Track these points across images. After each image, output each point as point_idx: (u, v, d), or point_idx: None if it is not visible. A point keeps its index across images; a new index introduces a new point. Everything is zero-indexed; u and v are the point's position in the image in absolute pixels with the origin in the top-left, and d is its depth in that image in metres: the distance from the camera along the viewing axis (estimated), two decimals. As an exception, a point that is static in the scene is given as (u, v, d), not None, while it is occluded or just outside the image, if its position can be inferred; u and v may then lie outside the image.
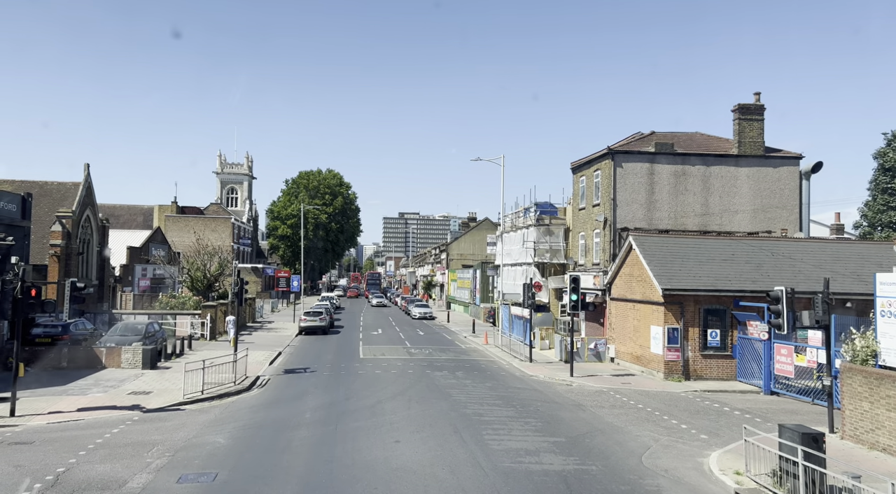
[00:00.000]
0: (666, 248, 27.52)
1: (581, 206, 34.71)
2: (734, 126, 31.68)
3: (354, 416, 18.27)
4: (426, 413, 18.63)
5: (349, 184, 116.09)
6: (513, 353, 32.70)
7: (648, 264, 26.32)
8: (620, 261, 29.31)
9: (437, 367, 28.34)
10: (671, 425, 17.92)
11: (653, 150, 31.15)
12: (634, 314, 27.93)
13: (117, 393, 20.96)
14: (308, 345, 37.39)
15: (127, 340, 26.86)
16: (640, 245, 27.47)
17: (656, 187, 31.14)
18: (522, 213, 39.47)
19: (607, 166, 31.28)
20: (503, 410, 19.24)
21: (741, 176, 31.35)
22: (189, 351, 31.75)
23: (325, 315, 44.68)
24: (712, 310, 25.48)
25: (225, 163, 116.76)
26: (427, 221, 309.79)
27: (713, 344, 25.37)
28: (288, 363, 29.71)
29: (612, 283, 30.28)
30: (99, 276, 45.50)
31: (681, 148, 31.78)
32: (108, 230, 46.79)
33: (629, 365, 28.23)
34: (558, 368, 28.56)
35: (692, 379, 25.11)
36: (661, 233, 29.61)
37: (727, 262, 26.93)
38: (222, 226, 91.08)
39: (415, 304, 63.68)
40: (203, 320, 37.38)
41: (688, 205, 31.23)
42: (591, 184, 33.48)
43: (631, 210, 30.91)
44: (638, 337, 27.52)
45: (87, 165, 43.08)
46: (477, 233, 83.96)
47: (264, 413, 19.01)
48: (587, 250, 33.55)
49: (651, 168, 31.13)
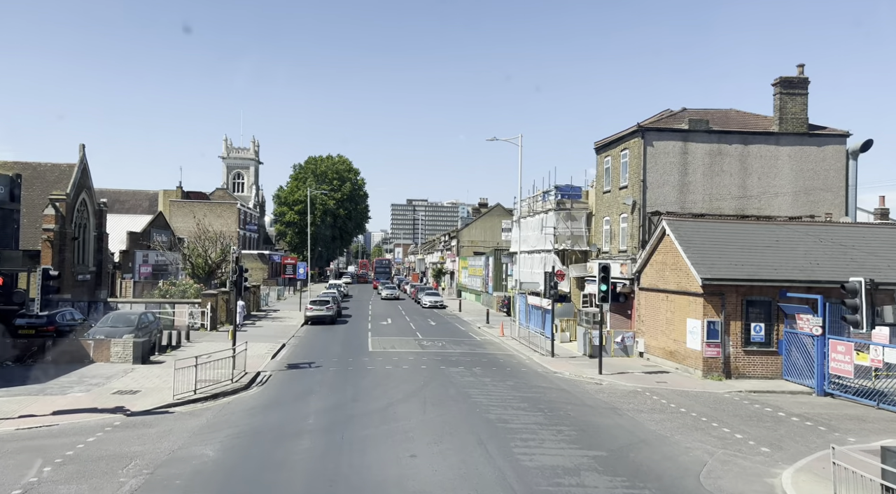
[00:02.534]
0: (703, 234, 25.17)
1: (606, 189, 32.33)
2: (775, 101, 29.15)
3: (363, 422, 16.16)
4: (444, 419, 16.51)
5: (358, 169, 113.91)
6: (532, 347, 30.53)
7: (685, 251, 24.00)
8: (651, 248, 26.99)
9: (452, 362, 26.22)
10: (723, 434, 15.71)
11: (686, 128, 28.69)
12: (667, 305, 25.64)
13: (101, 392, 18.95)
14: (314, 336, 35.36)
15: (118, 332, 24.86)
16: (674, 230, 25.13)
17: (690, 167, 28.71)
18: (541, 197, 37.16)
19: (636, 145, 28.86)
20: (530, 415, 17.08)
21: (782, 155, 28.87)
22: (186, 343, 29.75)
23: (332, 304, 42.61)
24: (756, 302, 23.16)
25: (231, 147, 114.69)
26: (435, 208, 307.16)
27: (757, 340, 23.07)
28: (292, 356, 27.67)
29: (642, 272, 27.99)
30: (97, 262, 43.65)
31: (716, 125, 29.29)
32: (105, 214, 44.84)
33: (661, 360, 26.00)
34: (583, 364, 26.37)
35: (733, 378, 22.86)
36: (694, 217, 27.23)
37: (771, 249, 24.56)
38: (228, 211, 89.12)
39: (425, 292, 61.57)
40: (203, 309, 35.39)
41: (724, 186, 28.80)
42: (617, 164, 31.07)
43: (662, 192, 28.52)
44: (671, 331, 25.25)
45: (82, 146, 41.05)
46: (488, 219, 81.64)
47: (262, 417, 16.94)
48: (612, 236, 31.22)
49: (684, 147, 28.68)
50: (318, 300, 42.97)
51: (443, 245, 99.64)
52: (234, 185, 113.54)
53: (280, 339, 32.56)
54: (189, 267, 41.31)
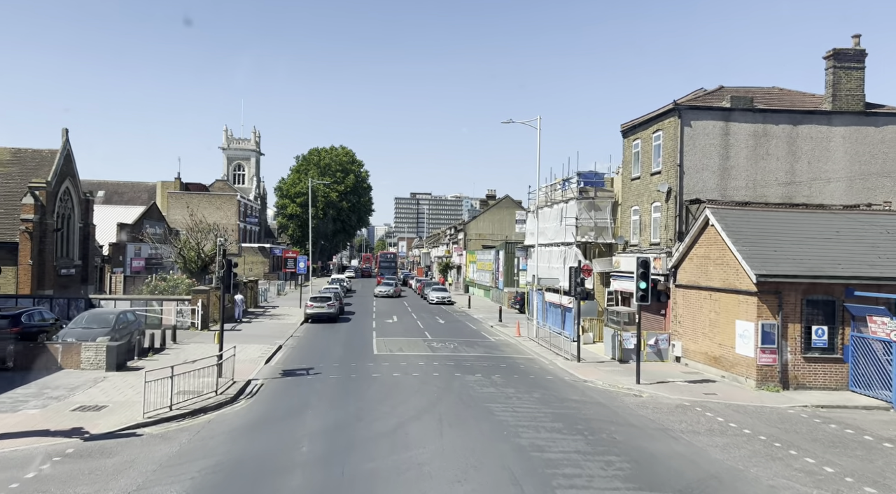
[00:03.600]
0: (753, 224, 22.22)
1: (635, 175, 29.34)
2: (827, 76, 26.11)
3: (368, 450, 13.31)
4: (466, 445, 13.64)
5: (361, 161, 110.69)
6: (554, 349, 27.65)
7: (734, 244, 21.05)
8: (691, 240, 24.04)
9: (468, 368, 23.36)
10: (807, 466, 12.83)
11: (728, 106, 25.67)
12: (711, 305, 22.71)
13: (59, 408, 16.13)
14: (314, 336, 32.53)
15: (91, 334, 22.03)
16: (720, 220, 22.17)
17: (731, 150, 25.71)
18: (560, 185, 34.16)
19: (672, 125, 25.86)
20: (569, 440, 14.20)
21: (835, 137, 25.84)
22: (173, 345, 26.95)
23: (334, 300, 39.77)
24: (817, 302, 20.23)
25: (231, 138, 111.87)
26: (439, 202, 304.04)
27: (818, 345, 20.14)
28: (288, 360, 24.84)
29: (679, 267, 25.05)
30: (82, 256, 40.86)
31: (760, 103, 26.26)
32: (92, 204, 42.02)
33: (702, 367, 23.09)
34: (614, 370, 23.49)
35: (791, 389, 19.95)
36: (738, 205, 24.26)
37: (831, 241, 21.60)
38: (227, 203, 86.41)
39: (432, 288, 58.68)
40: (194, 307, 32.57)
41: (769, 171, 25.80)
42: (648, 148, 28.07)
43: (701, 178, 25.54)
44: (716, 334, 22.33)
45: (65, 130, 38.21)
46: (496, 211, 78.63)
47: (247, 441, 14.09)
48: (643, 227, 28.26)
49: (726, 127, 25.68)
50: (319, 296, 40.13)
51: (448, 238, 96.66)
52: (234, 177, 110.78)
53: (277, 340, 29.75)
54: (181, 260, 38.48)
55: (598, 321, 30.65)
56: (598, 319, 30.67)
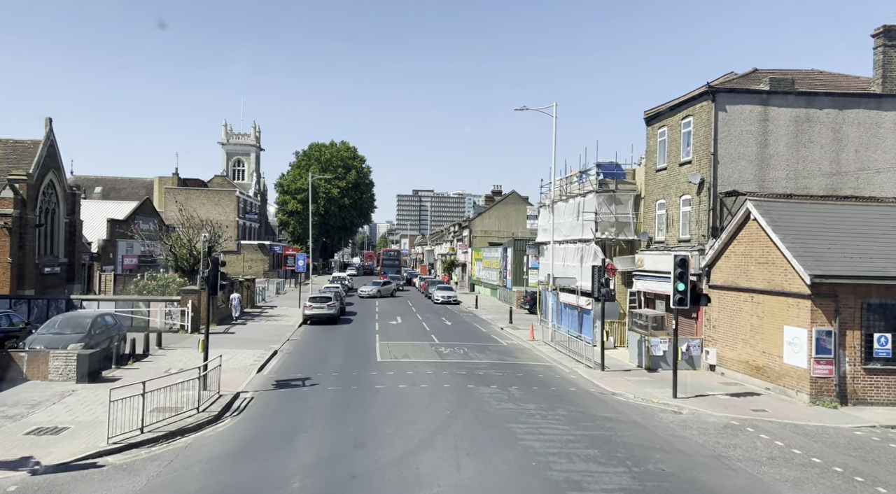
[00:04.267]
0: (801, 219, 19.88)
1: (660, 166, 26.97)
2: (875, 56, 23.72)
3: (371, 489, 11.02)
4: (489, 482, 11.35)
5: (363, 157, 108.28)
6: (573, 356, 25.34)
7: (783, 240, 18.70)
8: (728, 236, 21.69)
9: (481, 378, 21.06)
10: (906, 509, 10.51)
11: (767, 89, 23.29)
12: (752, 309, 20.37)
13: (12, 430, 13.86)
14: (312, 340, 30.25)
15: (62, 340, 19.76)
16: (764, 213, 19.83)
17: (770, 137, 23.34)
18: (577, 178, 31.77)
19: (705, 110, 23.49)
20: (610, 472, 11.89)
21: (886, 122, 23.46)
22: (157, 350, 24.70)
23: (335, 301, 37.47)
24: (880, 306, 17.89)
25: (231, 133, 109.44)
26: (442, 199, 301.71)
27: (882, 355, 17.80)
28: (283, 369, 22.55)
29: (713, 266, 22.71)
30: (68, 253, 38.61)
31: (802, 86, 23.87)
32: (79, 198, 39.75)
33: (742, 377, 20.76)
34: (643, 380, 21.20)
35: (851, 404, 17.63)
36: (780, 198, 21.89)
37: (889, 237, 19.28)
38: (226, 199, 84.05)
39: (437, 287, 56.34)
40: (183, 308, 30.31)
41: (812, 161, 23.43)
42: (676, 135, 25.70)
43: (737, 168, 23.17)
44: (759, 341, 19.99)
45: (48, 120, 35.94)
46: (502, 207, 76.22)
47: (227, 475, 11.80)
48: (670, 222, 25.89)
49: (764, 112, 23.31)
50: (319, 296, 37.85)
51: (453, 235, 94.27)
52: (234, 173, 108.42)
53: (272, 344, 27.48)
54: (172, 258, 36.18)
55: (620, 324, 28.34)
56: (619, 322, 28.36)
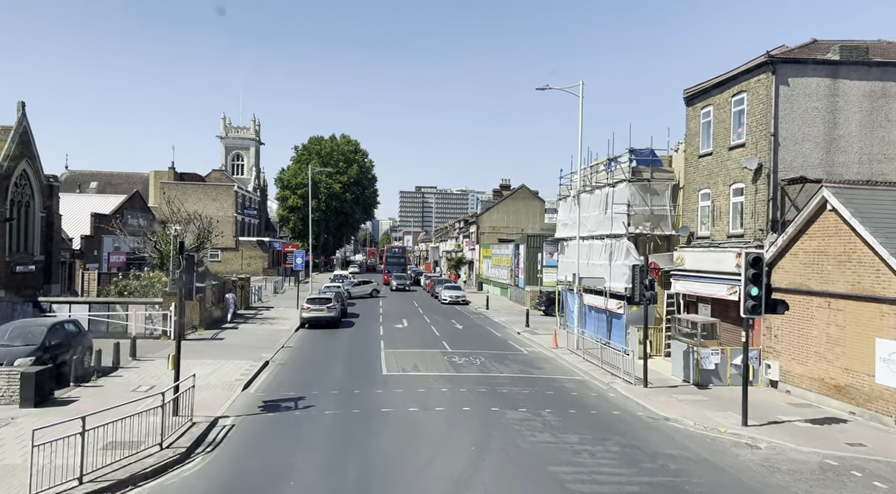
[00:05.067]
0: (891, 208, 16.61)
1: (704, 151, 23.70)
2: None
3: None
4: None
5: (365, 151, 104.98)
6: (607, 368, 22.12)
7: (874, 234, 15.47)
8: (797, 231, 18.44)
9: (506, 398, 17.85)
10: None
11: (837, 58, 20.01)
12: (830, 316, 17.12)
13: (-89, 481, 10.72)
14: (309, 348, 27.05)
15: (9, 354, 16.61)
16: (847, 202, 16.57)
17: (840, 116, 20.09)
18: (605, 166, 28.50)
19: (763, 84, 20.22)
20: (707, 551, 8.67)
21: (975, 99, 20.19)
22: (131, 361, 21.55)
23: (335, 302, 34.25)
24: None
25: (230, 126, 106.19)
26: (445, 195, 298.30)
27: None
28: (273, 385, 19.35)
29: (775, 265, 19.44)
30: (45, 250, 35.46)
31: (877, 56, 20.60)
32: (57, 190, 36.57)
33: (816, 397, 17.53)
34: (696, 400, 17.98)
35: (963, 435, 14.39)
36: (859, 184, 18.63)
37: None
38: (224, 194, 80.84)
39: (444, 286, 53.05)
40: (166, 311, 27.16)
41: (890, 143, 20.20)
42: (725, 115, 22.42)
43: (801, 151, 19.93)
44: (839, 356, 16.75)
45: (21, 104, 32.74)
46: (511, 202, 72.96)
47: (180, 555, 8.61)
48: (718, 215, 22.63)
49: (833, 86, 20.05)
50: (318, 297, 34.66)
51: (458, 231, 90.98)
52: (233, 168, 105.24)
53: (264, 353, 24.31)
54: (157, 255, 33.04)
55: (656, 329, 25.12)
56: (655, 328, 25.11)
